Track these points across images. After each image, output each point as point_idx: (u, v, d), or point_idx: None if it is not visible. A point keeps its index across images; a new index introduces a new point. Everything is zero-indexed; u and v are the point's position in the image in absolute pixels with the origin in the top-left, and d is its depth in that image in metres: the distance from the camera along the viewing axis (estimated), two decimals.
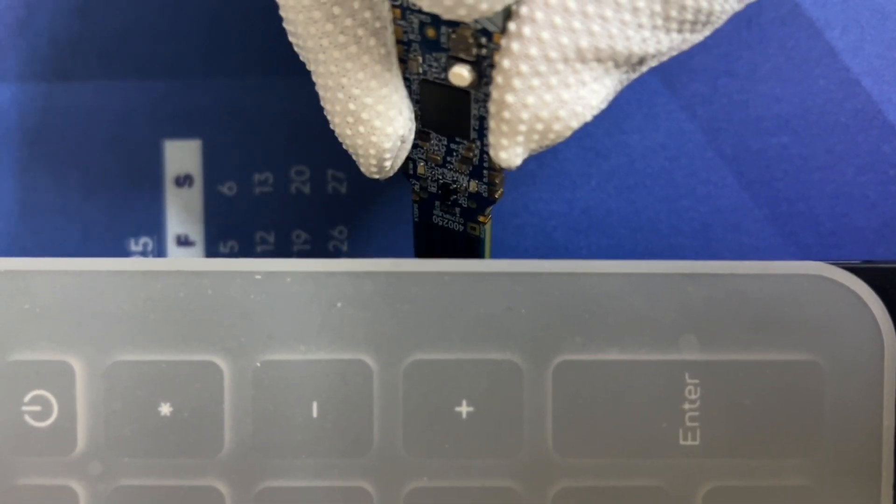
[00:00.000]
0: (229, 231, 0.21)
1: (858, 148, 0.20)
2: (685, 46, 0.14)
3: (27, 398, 0.15)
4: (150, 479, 0.15)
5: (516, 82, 0.13)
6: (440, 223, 0.17)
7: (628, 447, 0.15)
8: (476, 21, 0.14)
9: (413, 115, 0.15)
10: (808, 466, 0.15)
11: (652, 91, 0.20)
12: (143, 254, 0.21)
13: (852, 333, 0.15)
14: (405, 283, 0.15)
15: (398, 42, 0.15)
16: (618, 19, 0.13)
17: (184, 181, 0.21)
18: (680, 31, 0.14)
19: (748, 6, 0.20)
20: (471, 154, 0.15)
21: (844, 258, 0.19)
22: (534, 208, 0.20)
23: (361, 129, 0.15)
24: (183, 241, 0.21)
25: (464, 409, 0.15)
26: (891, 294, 0.15)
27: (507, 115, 0.14)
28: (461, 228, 0.17)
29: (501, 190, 0.16)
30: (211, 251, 0.20)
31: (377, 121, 0.15)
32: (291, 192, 0.21)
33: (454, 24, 0.14)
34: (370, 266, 0.15)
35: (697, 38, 0.14)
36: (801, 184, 0.20)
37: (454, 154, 0.16)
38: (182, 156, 0.21)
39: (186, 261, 0.15)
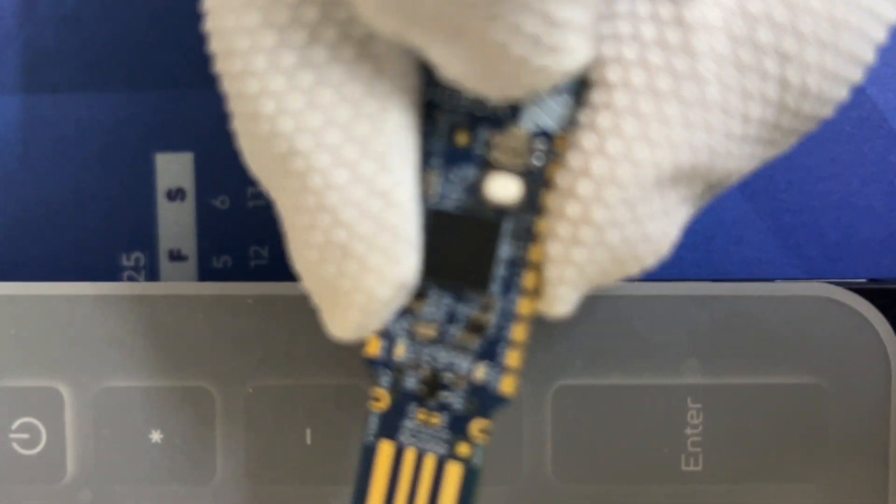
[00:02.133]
0: (223, 245, 0.20)
1: (864, 158, 0.20)
2: (765, 162, 0.12)
3: (15, 425, 0.15)
4: None
5: (598, 214, 0.10)
6: (411, 444, 0.12)
7: (630, 473, 0.15)
8: (534, 122, 0.10)
9: (421, 258, 0.11)
10: (813, 492, 0.15)
11: None
12: (135, 269, 0.20)
13: (858, 356, 0.15)
14: None
15: None
16: (724, 130, 0.10)
17: (176, 195, 0.20)
18: (781, 143, 0.11)
19: None
20: (486, 317, 0.11)
21: (849, 270, 0.18)
22: None
23: (352, 266, 0.10)
24: (175, 256, 0.20)
25: None
26: None
27: (578, 256, 0.10)
28: (444, 451, 0.12)
29: (518, 380, 0.12)
30: (204, 266, 0.20)
31: (376, 256, 0.10)
32: None
33: (499, 124, 0.11)
34: None
35: (779, 153, 0.12)
36: (805, 195, 0.20)
37: (458, 320, 0.11)
38: (174, 169, 0.20)
39: (176, 285, 0.15)
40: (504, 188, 0.11)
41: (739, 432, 0.15)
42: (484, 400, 0.12)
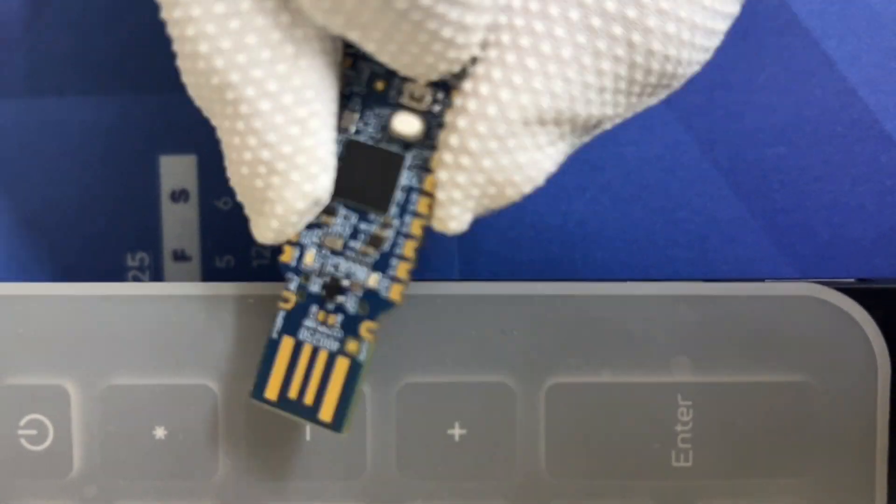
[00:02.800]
0: (225, 245, 0.21)
1: (856, 158, 0.20)
2: (640, 109, 0.14)
3: (23, 422, 0.15)
4: (145, 502, 0.15)
5: (472, 144, 0.12)
6: (308, 340, 0.14)
7: (621, 468, 0.15)
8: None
9: (334, 179, 0.13)
10: (802, 487, 0.15)
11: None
12: (140, 269, 0.21)
13: (846, 354, 0.15)
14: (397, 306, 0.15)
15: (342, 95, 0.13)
16: (580, 81, 0.12)
17: (179, 196, 0.21)
18: (640, 94, 0.13)
19: (742, 16, 0.20)
20: (384, 234, 0.13)
21: (841, 270, 0.18)
22: (528, 221, 0.20)
23: (276, 180, 0.13)
24: (179, 256, 0.21)
25: (456, 431, 0.15)
26: (884, 315, 0.15)
27: (461, 179, 0.12)
28: (336, 347, 0.14)
29: (405, 289, 0.14)
30: (207, 266, 0.21)
31: (295, 174, 0.13)
32: None
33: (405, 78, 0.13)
34: None
35: (655, 101, 0.14)
36: (798, 195, 0.20)
37: (361, 235, 0.13)
38: (178, 171, 0.21)
39: (180, 285, 0.15)
40: (408, 124, 0.13)
41: (729, 429, 0.15)
42: (374, 304, 0.14)
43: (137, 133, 0.20)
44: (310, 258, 0.14)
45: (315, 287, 0.14)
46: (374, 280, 0.13)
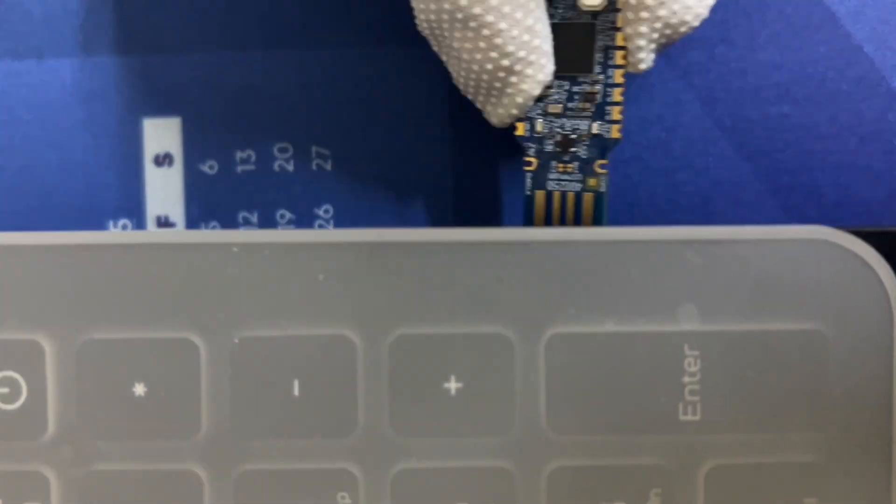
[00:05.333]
0: (211, 211, 0.20)
1: (862, 116, 0.19)
2: None
3: None
4: (124, 464, 0.14)
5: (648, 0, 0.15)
6: (556, 189, 0.17)
7: (625, 424, 0.14)
8: None
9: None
10: (815, 441, 0.14)
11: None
12: None
13: (859, 300, 0.14)
14: (390, 253, 0.14)
15: None
16: None
17: (163, 160, 0.20)
18: None
19: None
20: (595, 89, 0.16)
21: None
22: (524, 185, 0.20)
23: (513, 79, 0.16)
24: (163, 222, 0.20)
25: (452, 385, 0.14)
26: None
27: (643, 28, 0.16)
28: (579, 188, 0.17)
29: (621, 127, 0.17)
30: None
31: (531, 69, 0.16)
32: (275, 170, 0.20)
33: None
34: (353, 236, 0.14)
35: None
36: (803, 154, 0.19)
37: (576, 97, 0.16)
38: (161, 134, 0.20)
39: (160, 233, 0.15)
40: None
41: (738, 380, 0.14)
42: (601, 145, 0.17)
43: (119, 95, 0.20)
44: (540, 126, 0.17)
45: (549, 147, 0.17)
46: (596, 127, 0.16)
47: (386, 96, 0.20)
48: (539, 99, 0.17)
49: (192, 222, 0.20)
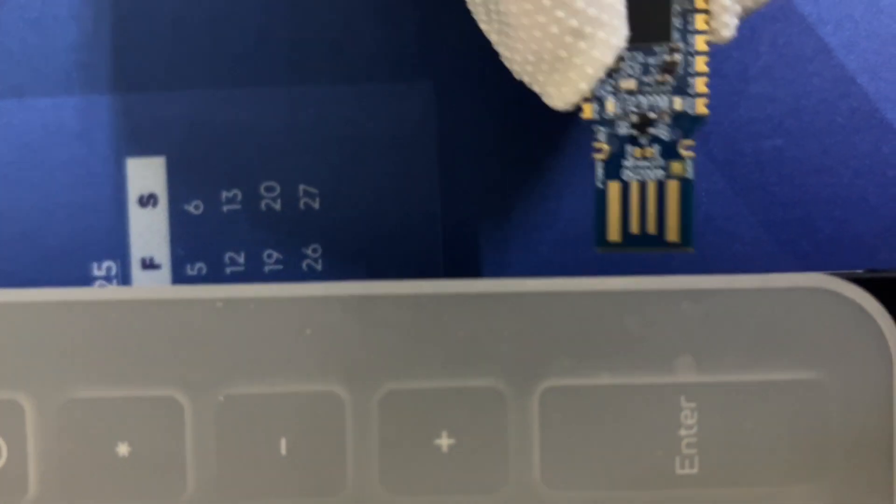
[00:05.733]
0: (197, 252, 0.19)
1: (856, 149, 0.19)
2: None
3: None
4: None
5: None
6: (634, 178, 0.15)
7: (622, 478, 0.14)
8: None
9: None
10: (816, 493, 0.14)
11: None
12: (107, 278, 0.20)
13: (858, 349, 0.14)
14: (378, 306, 0.14)
15: None
16: None
17: (147, 201, 0.19)
18: None
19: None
20: (675, 59, 0.14)
21: (844, 265, 0.18)
22: (516, 220, 0.19)
23: (582, 44, 0.13)
24: (148, 264, 0.19)
25: (444, 441, 0.14)
26: None
27: None
28: (662, 175, 0.15)
29: (707, 101, 0.15)
30: (178, 274, 0.19)
31: (602, 32, 0.13)
32: (261, 210, 0.19)
33: None
34: (340, 289, 0.14)
35: None
36: (797, 188, 0.19)
37: (652, 70, 0.15)
38: (145, 174, 0.19)
39: (143, 289, 0.14)
40: None
41: (736, 432, 0.14)
42: (685, 123, 0.15)
43: (102, 134, 0.19)
44: (610, 106, 0.15)
45: (623, 129, 0.15)
46: (678, 103, 0.15)
47: (374, 133, 0.20)
48: (608, 74, 0.15)
49: (178, 263, 0.20)
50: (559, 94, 0.14)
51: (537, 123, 0.20)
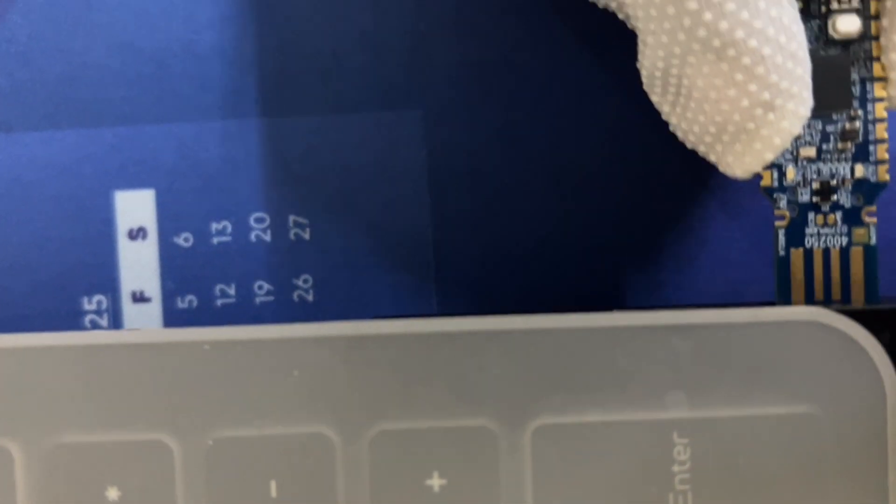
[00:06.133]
0: (187, 285, 0.19)
1: None
2: None
3: None
4: None
5: None
6: (817, 245, 0.15)
7: None
8: None
9: None
10: None
11: (629, 120, 0.19)
12: (98, 312, 0.19)
13: (852, 382, 0.14)
14: (367, 346, 0.14)
15: None
16: None
17: (137, 234, 0.19)
18: None
19: None
20: (855, 126, 0.15)
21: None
22: (505, 250, 0.19)
23: (771, 116, 0.13)
24: (139, 298, 0.19)
25: (436, 481, 0.14)
26: (891, 338, 0.14)
27: None
28: (845, 241, 0.15)
29: (888, 167, 0.15)
30: (169, 306, 0.19)
31: (792, 104, 0.13)
32: (251, 241, 0.19)
33: None
34: (328, 330, 0.14)
35: None
36: None
37: (831, 137, 0.15)
38: (134, 207, 0.19)
39: (130, 333, 0.14)
40: (851, 23, 0.15)
41: (730, 468, 0.14)
42: (868, 190, 0.15)
43: (91, 168, 0.19)
44: (791, 174, 0.15)
45: (805, 197, 0.15)
46: (859, 170, 0.15)
47: (364, 163, 0.20)
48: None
49: (169, 296, 0.20)
50: (740, 163, 0.14)
51: (532, 145, 0.19)
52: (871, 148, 0.15)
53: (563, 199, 0.19)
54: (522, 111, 0.19)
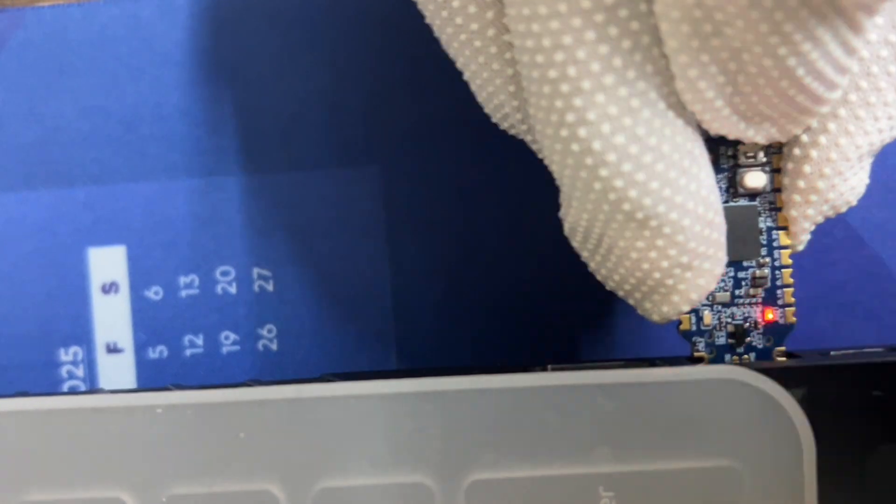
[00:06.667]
0: (158, 336, 0.20)
1: None
2: None
3: None
4: None
5: (820, 184, 0.15)
6: None
7: None
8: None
9: None
10: None
11: None
12: (74, 363, 0.20)
13: (770, 437, 0.15)
14: (309, 408, 0.15)
15: None
16: (886, 116, 0.14)
17: (110, 288, 0.20)
18: None
19: None
20: (763, 273, 0.16)
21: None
22: (462, 300, 0.20)
23: (689, 275, 0.14)
24: (112, 349, 0.20)
25: None
26: (807, 394, 0.15)
27: (810, 211, 0.15)
28: None
29: (795, 310, 0.16)
30: (141, 357, 0.20)
31: (708, 264, 0.14)
32: (218, 293, 0.20)
33: (732, 142, 0.15)
34: (272, 394, 0.15)
35: None
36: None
37: (742, 284, 0.16)
38: (107, 262, 0.20)
39: (86, 397, 0.15)
40: (757, 179, 0.15)
41: None
42: (777, 332, 0.16)
43: (64, 226, 0.20)
44: (707, 318, 0.16)
45: (721, 339, 0.16)
46: (770, 314, 0.16)
47: (324, 218, 0.20)
48: None
49: (141, 347, 0.20)
50: (658, 311, 0.15)
51: (487, 199, 0.20)
52: (779, 292, 0.16)
53: (518, 251, 0.20)
54: (477, 166, 0.20)
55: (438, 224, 0.20)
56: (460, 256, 0.20)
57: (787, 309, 0.16)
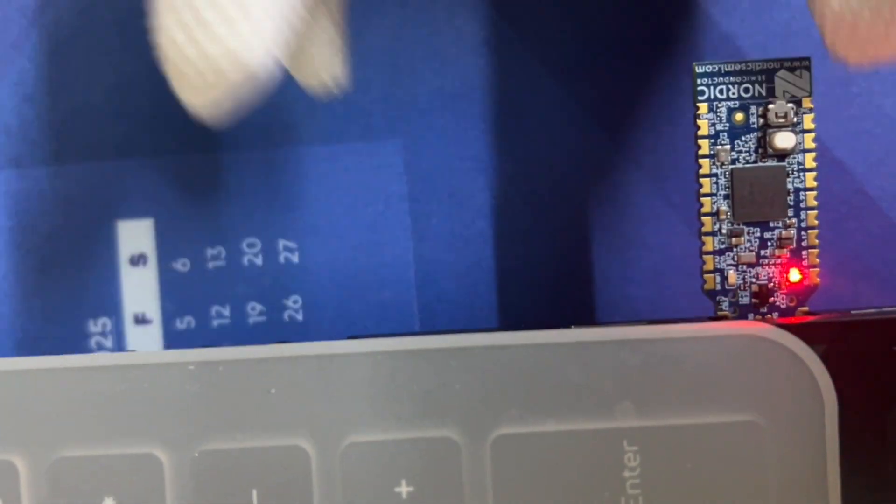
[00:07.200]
0: (185, 307, 0.21)
1: None
2: None
3: None
4: None
5: None
6: None
7: None
8: (785, 92, 0.16)
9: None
10: None
11: (596, 144, 0.20)
12: (103, 334, 0.21)
13: (792, 392, 0.15)
14: (337, 365, 0.15)
15: (704, 137, 0.16)
16: None
17: (138, 260, 0.21)
18: None
19: (682, 51, 0.20)
20: (789, 234, 0.16)
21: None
22: (485, 266, 0.20)
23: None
24: (140, 320, 0.21)
25: (403, 489, 0.15)
26: (828, 350, 0.15)
27: None
28: None
29: (820, 271, 0.16)
30: (168, 328, 0.21)
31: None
32: (244, 265, 0.21)
33: (762, 102, 0.16)
34: (302, 350, 0.15)
35: None
36: None
37: (769, 244, 0.16)
38: (135, 235, 0.21)
39: (120, 355, 0.15)
40: (788, 140, 0.16)
41: (678, 473, 0.15)
42: (801, 292, 0.16)
43: (93, 199, 0.21)
44: (732, 278, 0.16)
45: (745, 299, 0.16)
46: (794, 273, 0.16)
47: (348, 189, 0.21)
48: (727, 248, 0.16)
49: (168, 318, 0.21)
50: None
51: (505, 170, 0.21)
52: (804, 253, 0.16)
53: (537, 219, 0.20)
54: (496, 138, 0.20)
55: (459, 195, 0.20)
56: (481, 227, 0.20)
57: (811, 269, 0.16)
